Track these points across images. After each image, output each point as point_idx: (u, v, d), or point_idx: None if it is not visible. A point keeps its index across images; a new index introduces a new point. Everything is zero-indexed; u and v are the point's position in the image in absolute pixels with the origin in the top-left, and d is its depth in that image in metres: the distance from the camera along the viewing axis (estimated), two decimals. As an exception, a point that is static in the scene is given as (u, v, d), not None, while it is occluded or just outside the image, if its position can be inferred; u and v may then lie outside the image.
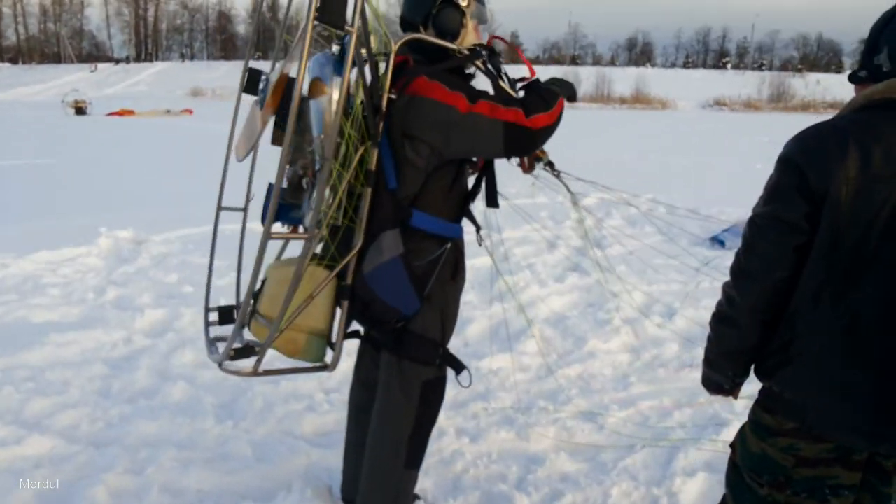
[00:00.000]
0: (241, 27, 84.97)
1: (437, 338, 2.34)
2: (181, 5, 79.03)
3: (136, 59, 74.79)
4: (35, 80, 57.62)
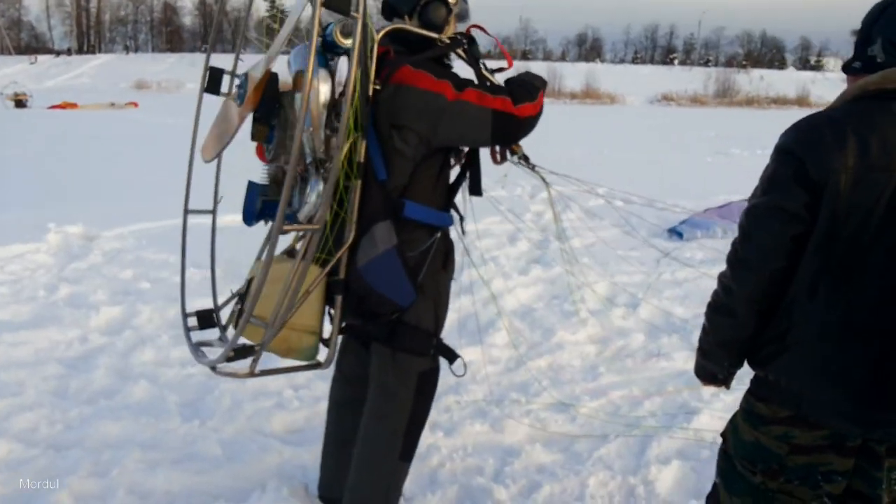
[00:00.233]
0: (187, 19, 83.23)
1: (431, 328, 2.32)
2: (125, -5, 77.02)
3: (78, 51, 72.50)
4: (-30, 72, 55.46)
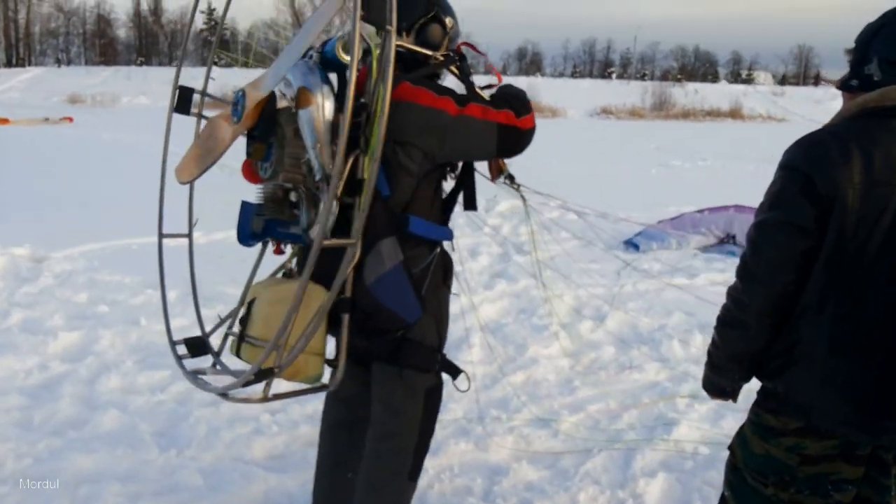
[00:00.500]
0: (121, 31, 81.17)
1: (435, 344, 2.31)
2: (56, 7, 74.58)
3: (6, 65, 69.93)
4: None
